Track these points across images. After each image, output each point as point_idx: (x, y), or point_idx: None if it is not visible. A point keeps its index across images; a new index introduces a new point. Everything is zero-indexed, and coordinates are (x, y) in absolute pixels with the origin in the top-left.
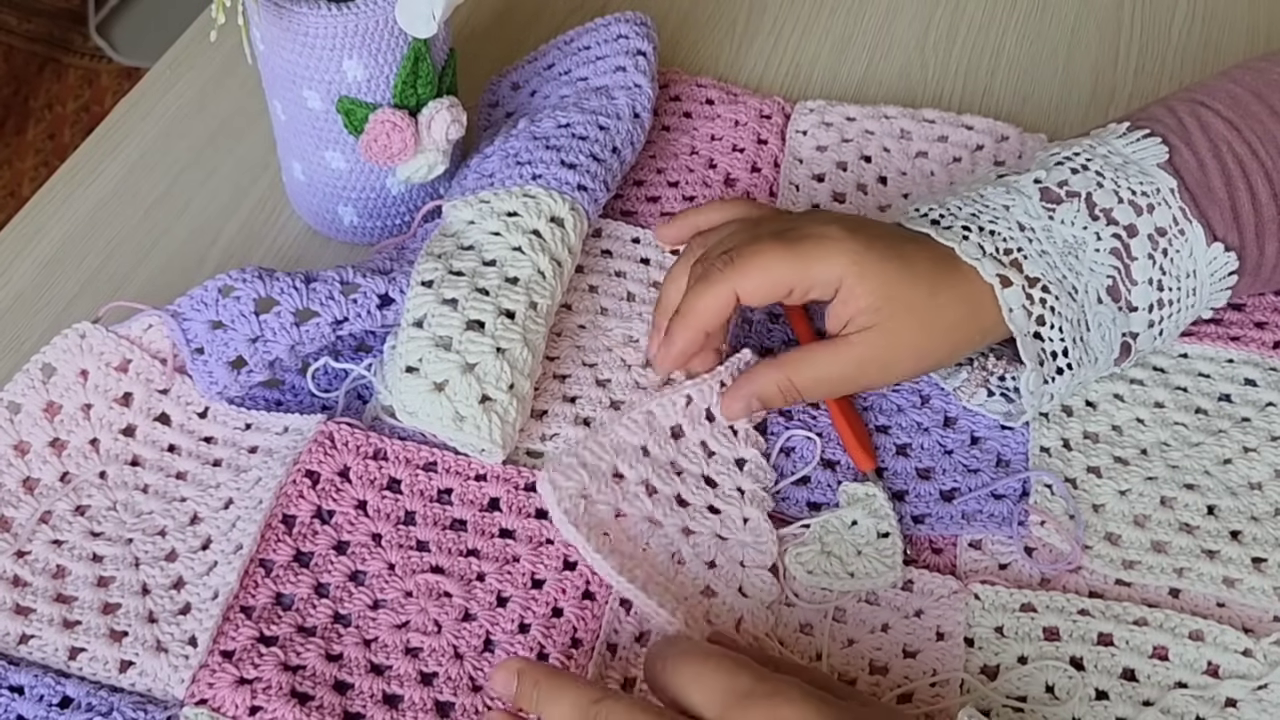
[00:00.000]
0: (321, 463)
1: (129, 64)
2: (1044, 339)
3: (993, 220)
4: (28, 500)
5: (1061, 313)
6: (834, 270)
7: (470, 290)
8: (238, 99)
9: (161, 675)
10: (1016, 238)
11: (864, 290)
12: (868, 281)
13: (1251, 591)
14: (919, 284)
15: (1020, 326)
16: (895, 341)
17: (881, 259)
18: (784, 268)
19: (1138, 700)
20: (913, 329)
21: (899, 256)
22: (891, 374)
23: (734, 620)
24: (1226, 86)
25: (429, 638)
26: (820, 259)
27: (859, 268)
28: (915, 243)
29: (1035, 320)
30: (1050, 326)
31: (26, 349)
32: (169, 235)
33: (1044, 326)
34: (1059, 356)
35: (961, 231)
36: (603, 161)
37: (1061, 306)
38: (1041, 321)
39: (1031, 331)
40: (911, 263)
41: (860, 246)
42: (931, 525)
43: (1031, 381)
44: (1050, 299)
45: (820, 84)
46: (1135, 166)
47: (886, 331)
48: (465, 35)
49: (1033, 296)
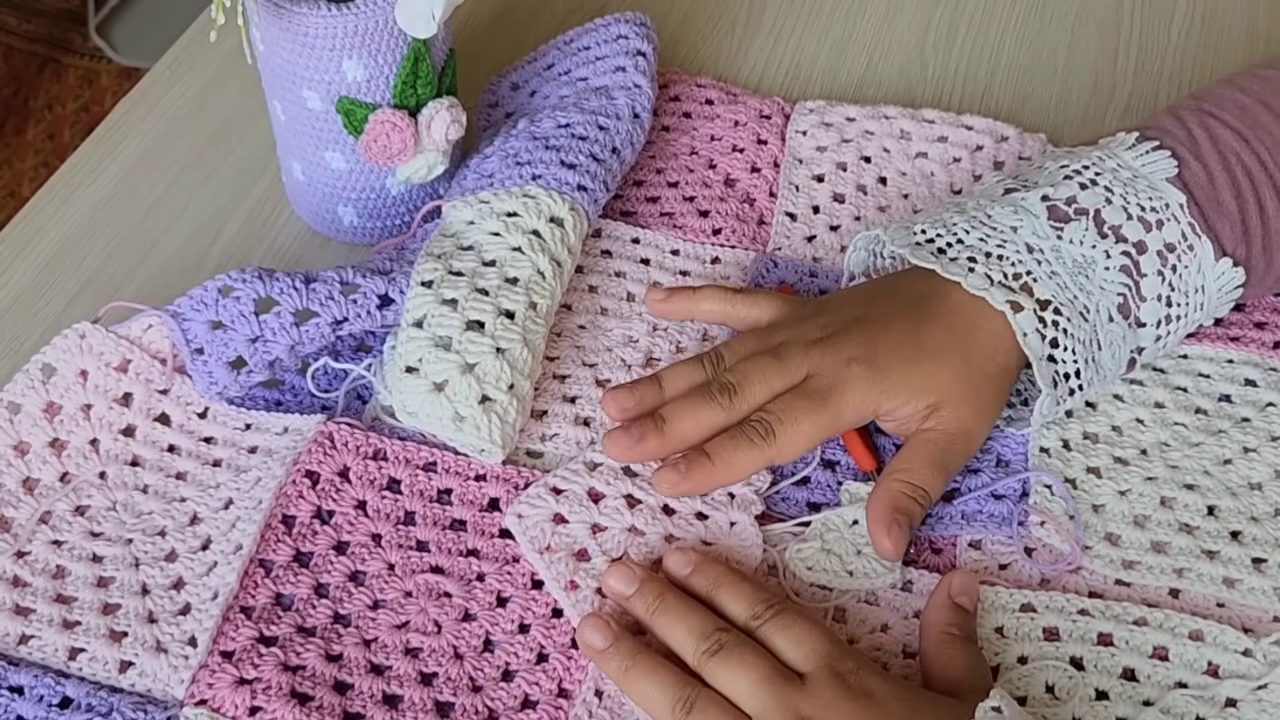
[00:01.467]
0: (321, 463)
1: (129, 64)
2: (1058, 361)
3: (1000, 244)
4: (28, 500)
5: (1074, 334)
6: (866, 407)
7: (470, 290)
8: (238, 99)
9: (161, 676)
10: (1025, 260)
11: (899, 403)
12: (898, 396)
13: (1251, 592)
14: (951, 359)
15: (1035, 350)
16: (961, 412)
17: (902, 372)
18: (820, 430)
19: (1138, 700)
20: (967, 396)
21: (919, 355)
22: (974, 441)
23: None
24: (1234, 96)
25: (429, 638)
26: (849, 405)
27: (885, 394)
28: (930, 315)
29: (1049, 343)
30: (1063, 349)
31: (26, 349)
32: (169, 235)
33: (1057, 349)
34: (1071, 377)
35: (968, 263)
36: (602, 162)
37: (1074, 328)
38: (1055, 344)
39: (1046, 355)
40: (934, 351)
41: (878, 374)
42: (931, 525)
43: (1046, 406)
44: (1063, 321)
45: (820, 84)
46: (1144, 181)
47: (950, 406)
48: (465, 35)
49: (1045, 320)
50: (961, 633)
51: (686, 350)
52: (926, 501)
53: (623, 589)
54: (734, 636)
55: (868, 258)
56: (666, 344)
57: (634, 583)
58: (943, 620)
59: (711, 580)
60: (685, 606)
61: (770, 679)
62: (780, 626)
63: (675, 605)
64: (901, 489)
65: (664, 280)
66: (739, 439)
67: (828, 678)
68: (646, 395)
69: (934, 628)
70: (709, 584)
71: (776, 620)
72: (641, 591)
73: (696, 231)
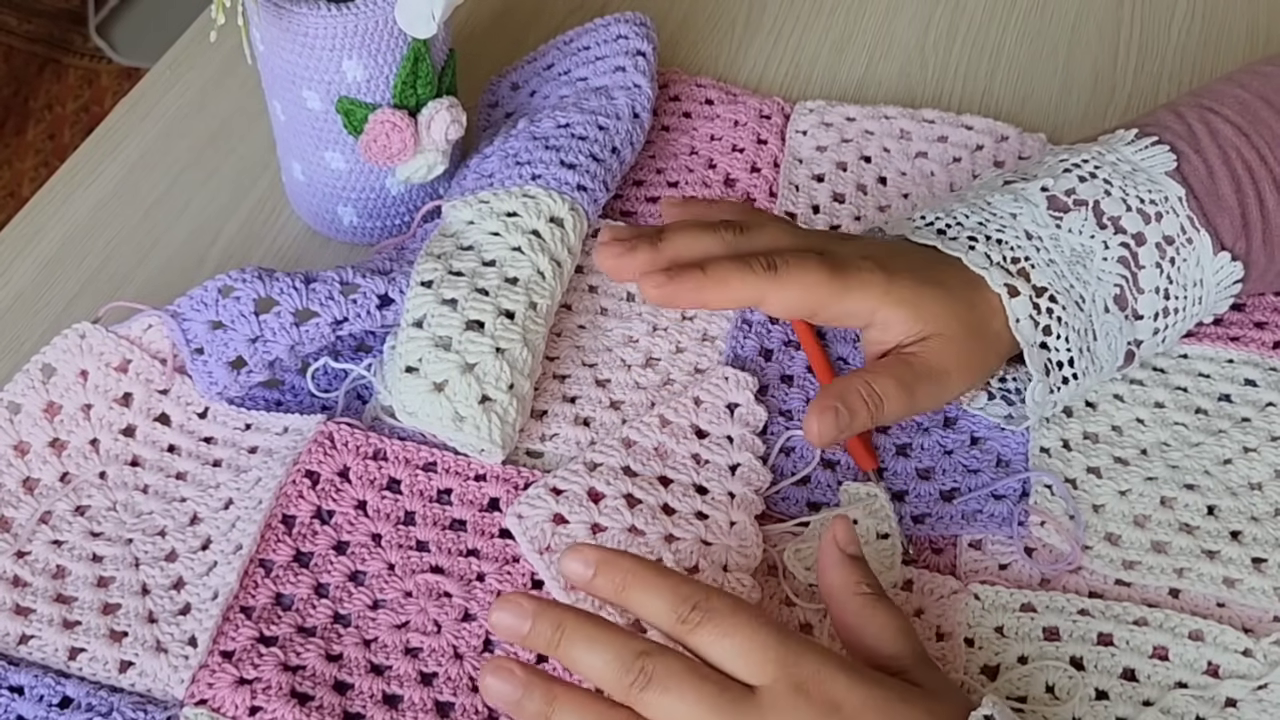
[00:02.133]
0: (321, 463)
1: (129, 64)
2: (1050, 349)
3: (1000, 229)
4: (28, 500)
5: (1068, 322)
6: (867, 302)
7: (470, 290)
8: (238, 99)
9: (161, 675)
10: (1024, 246)
11: (899, 316)
12: (902, 307)
13: (1251, 592)
14: (955, 299)
15: (1027, 336)
16: (948, 350)
17: (914, 286)
18: (823, 290)
19: (1138, 700)
20: (960, 338)
21: (930, 282)
22: (948, 386)
23: None
24: (1234, 91)
25: (429, 638)
26: (854, 290)
27: (892, 297)
28: (943, 264)
29: (1042, 330)
30: (1057, 336)
31: (26, 349)
32: (169, 235)
33: (1050, 336)
34: (1065, 366)
35: (968, 241)
36: (602, 162)
37: (1069, 316)
38: (1048, 331)
39: (1038, 341)
40: (944, 283)
41: (890, 279)
42: (931, 525)
43: (1037, 392)
44: (1057, 309)
45: (820, 84)
46: (1143, 174)
47: (941, 340)
48: (465, 35)
49: (1040, 306)
50: (872, 590)
51: (686, 350)
52: (878, 411)
53: (515, 624)
54: (661, 660)
55: None
56: (666, 344)
57: (525, 616)
58: (850, 580)
59: (618, 580)
60: (593, 630)
61: (717, 707)
62: (718, 633)
63: (581, 632)
64: (857, 385)
65: None
66: (739, 262)
67: (786, 691)
68: (646, 231)
69: (843, 591)
70: (616, 586)
71: (712, 627)
72: (536, 625)
73: None
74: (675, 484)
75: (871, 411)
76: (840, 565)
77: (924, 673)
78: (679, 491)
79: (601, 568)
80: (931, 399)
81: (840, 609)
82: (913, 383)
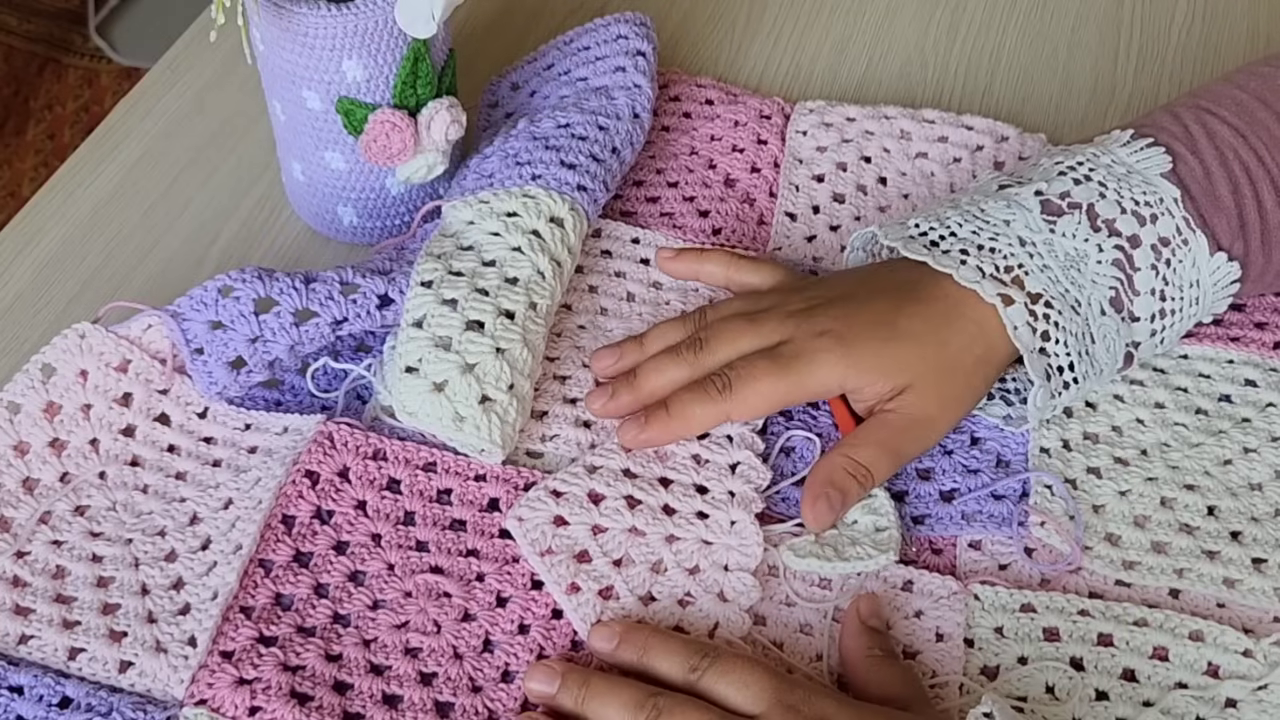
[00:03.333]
0: (321, 463)
1: (129, 64)
2: (1050, 354)
3: (993, 237)
4: (28, 500)
5: (1065, 327)
6: (831, 380)
7: (470, 290)
8: (238, 99)
9: (161, 675)
10: (1017, 253)
11: (865, 381)
12: (866, 375)
13: (1252, 592)
14: (924, 346)
15: (1026, 343)
16: (926, 398)
17: (876, 349)
18: (778, 393)
19: (1138, 701)
20: (935, 383)
21: (895, 338)
22: (934, 430)
23: (709, 627)
24: (1231, 92)
25: (429, 638)
26: (813, 375)
27: (853, 370)
28: (913, 300)
29: (1040, 336)
30: (1055, 342)
31: (26, 349)
32: (169, 235)
33: (1049, 342)
34: (1065, 371)
35: (960, 256)
36: (602, 162)
37: (1065, 321)
38: (1046, 337)
39: (1037, 348)
40: (910, 334)
41: (847, 351)
42: (931, 526)
43: (1040, 398)
44: (1054, 314)
45: (820, 84)
46: (1139, 176)
47: (916, 392)
48: (465, 35)
49: (1036, 313)
50: (884, 652)
51: None
52: (868, 481)
53: (545, 689)
54: (670, 698)
55: (865, 257)
56: None
57: (554, 679)
58: (862, 645)
59: (639, 646)
60: (612, 684)
61: None
62: (721, 673)
63: (601, 686)
64: (843, 463)
65: (664, 280)
66: (696, 392)
67: (780, 713)
68: (627, 354)
69: (855, 654)
70: (637, 651)
71: (715, 668)
72: (565, 685)
73: (696, 231)
74: (675, 484)
75: (862, 483)
76: (859, 633)
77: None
78: (679, 491)
79: (624, 639)
80: (920, 445)
81: (851, 667)
82: (895, 442)
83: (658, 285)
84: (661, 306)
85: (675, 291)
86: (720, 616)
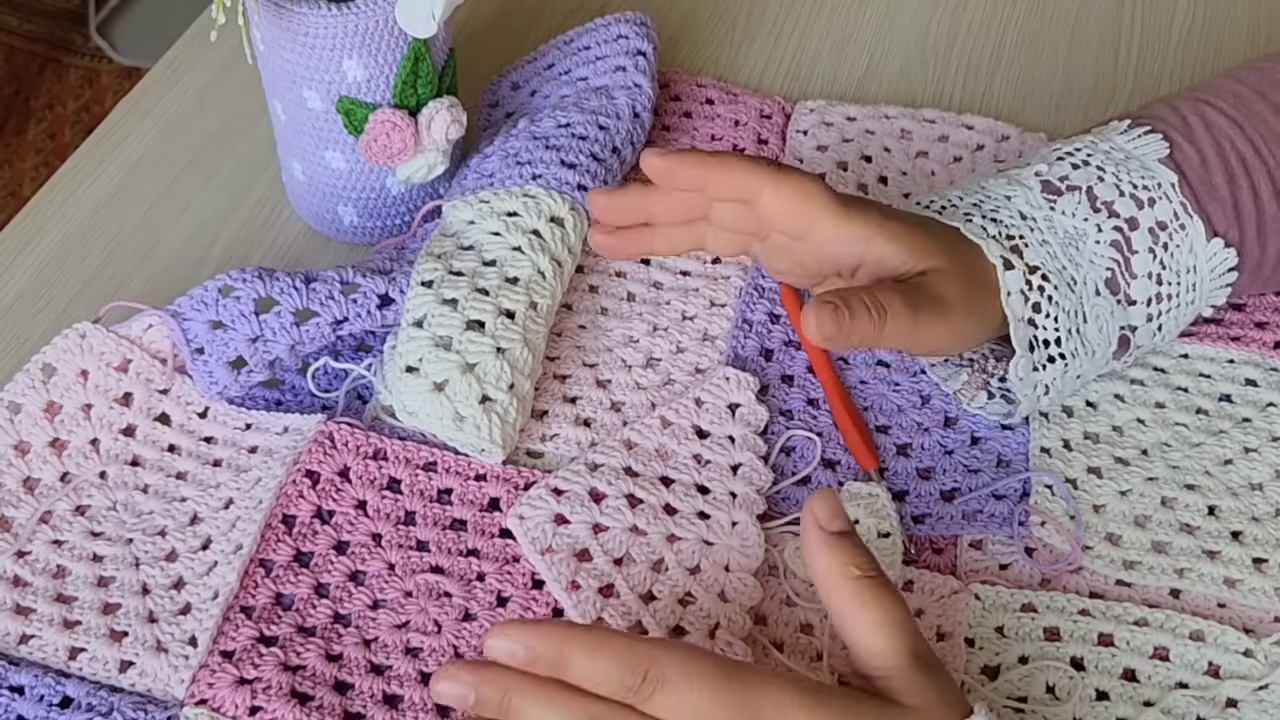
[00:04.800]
0: (321, 463)
1: (129, 64)
2: (1038, 325)
3: (995, 209)
4: (28, 500)
5: (1059, 302)
6: (863, 230)
7: (470, 290)
8: (238, 99)
9: (161, 675)
10: (1018, 225)
11: (893, 250)
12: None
13: (1252, 592)
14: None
15: (1016, 311)
16: (948, 284)
17: (908, 224)
18: (821, 202)
19: (1138, 701)
20: (960, 275)
21: (925, 224)
22: (953, 319)
23: (709, 626)
24: (1230, 85)
25: (429, 638)
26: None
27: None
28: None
29: (1031, 306)
30: (1046, 315)
31: (26, 349)
32: (169, 235)
33: (1039, 314)
34: (1051, 345)
35: (964, 217)
36: (603, 161)
37: (1060, 296)
38: (1037, 309)
39: (1026, 318)
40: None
41: (885, 215)
42: (932, 525)
43: (1021, 367)
44: (1049, 288)
45: (820, 84)
46: (1136, 161)
47: (938, 274)
48: (465, 35)
49: (1031, 283)
50: (865, 572)
51: (687, 350)
52: (880, 321)
53: (459, 692)
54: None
55: None
56: (667, 344)
57: (468, 687)
58: (837, 562)
59: (554, 652)
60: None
61: None
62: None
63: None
64: (861, 293)
65: (664, 280)
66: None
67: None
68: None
69: (831, 576)
70: (554, 658)
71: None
72: (481, 695)
73: None
74: (677, 484)
75: (874, 320)
76: (826, 548)
77: (917, 681)
78: (680, 491)
79: (534, 642)
80: (934, 330)
81: (831, 596)
82: (918, 303)
83: (658, 285)
84: (661, 306)
85: (675, 291)
86: (720, 616)
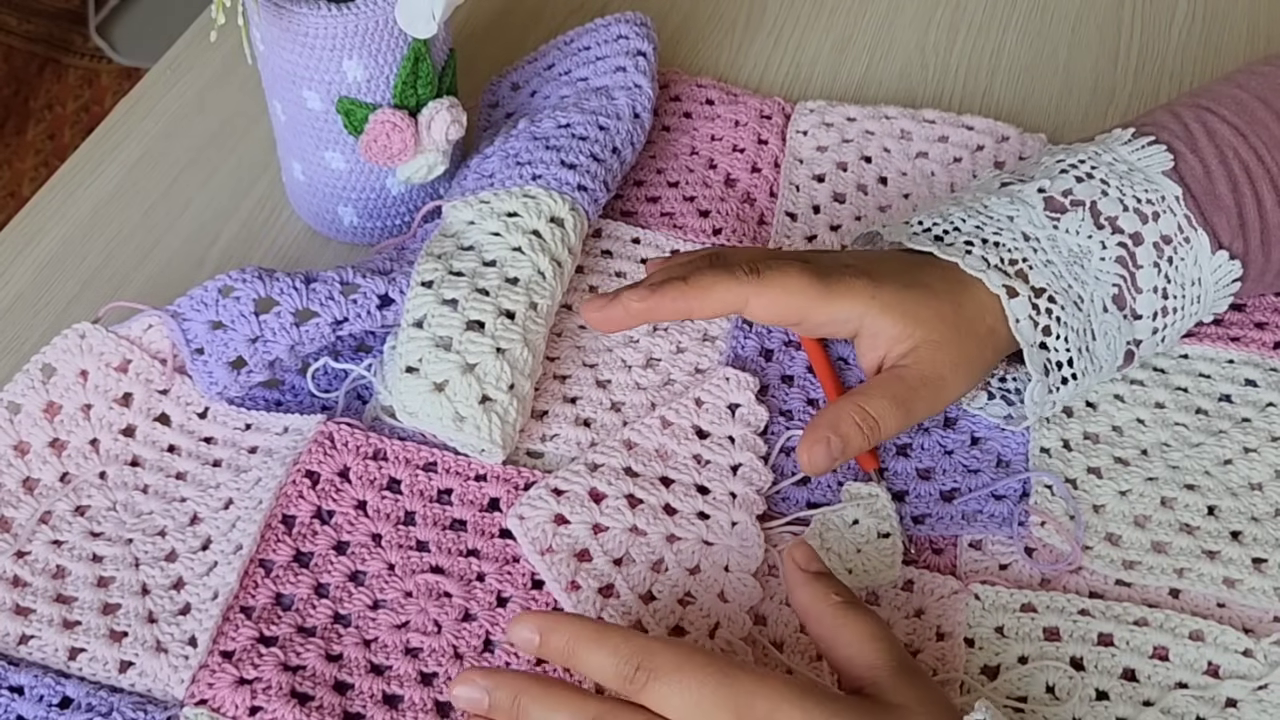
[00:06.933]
0: (321, 463)
1: (129, 64)
2: (1050, 349)
3: (997, 232)
4: (28, 500)
5: (1067, 322)
6: (855, 308)
7: (470, 290)
8: (238, 99)
9: (161, 675)
10: (1021, 248)
11: (887, 322)
12: (889, 314)
13: (1252, 592)
14: (941, 302)
15: (1027, 337)
16: (939, 356)
17: (898, 291)
18: (807, 295)
19: (1138, 701)
20: (951, 341)
21: (914, 284)
22: (945, 391)
23: (709, 626)
24: (1231, 91)
25: (429, 638)
26: (843, 294)
27: (878, 303)
28: (928, 266)
29: (1041, 330)
30: (1056, 336)
31: (26, 349)
32: (169, 235)
33: (1050, 336)
34: (1064, 366)
35: (964, 247)
36: (603, 162)
37: (1067, 316)
38: (1047, 332)
39: (1038, 342)
40: (928, 286)
41: (875, 285)
42: (932, 525)
43: (1036, 392)
44: (1056, 309)
45: (820, 84)
46: (1140, 174)
47: (931, 348)
48: (465, 35)
49: (1039, 306)
50: (845, 597)
51: (687, 350)
52: (875, 435)
53: (474, 695)
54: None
55: None
56: (667, 344)
57: (482, 690)
58: (818, 592)
59: (564, 644)
60: (548, 695)
61: None
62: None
63: (536, 697)
64: (851, 411)
65: None
66: (721, 269)
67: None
68: None
69: (814, 605)
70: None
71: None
72: (495, 698)
73: (697, 231)
74: (677, 484)
75: (867, 435)
76: (807, 583)
77: (902, 683)
78: (680, 491)
79: (547, 634)
80: (929, 407)
81: (815, 623)
82: (908, 397)
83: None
84: None
85: None
86: (720, 616)
